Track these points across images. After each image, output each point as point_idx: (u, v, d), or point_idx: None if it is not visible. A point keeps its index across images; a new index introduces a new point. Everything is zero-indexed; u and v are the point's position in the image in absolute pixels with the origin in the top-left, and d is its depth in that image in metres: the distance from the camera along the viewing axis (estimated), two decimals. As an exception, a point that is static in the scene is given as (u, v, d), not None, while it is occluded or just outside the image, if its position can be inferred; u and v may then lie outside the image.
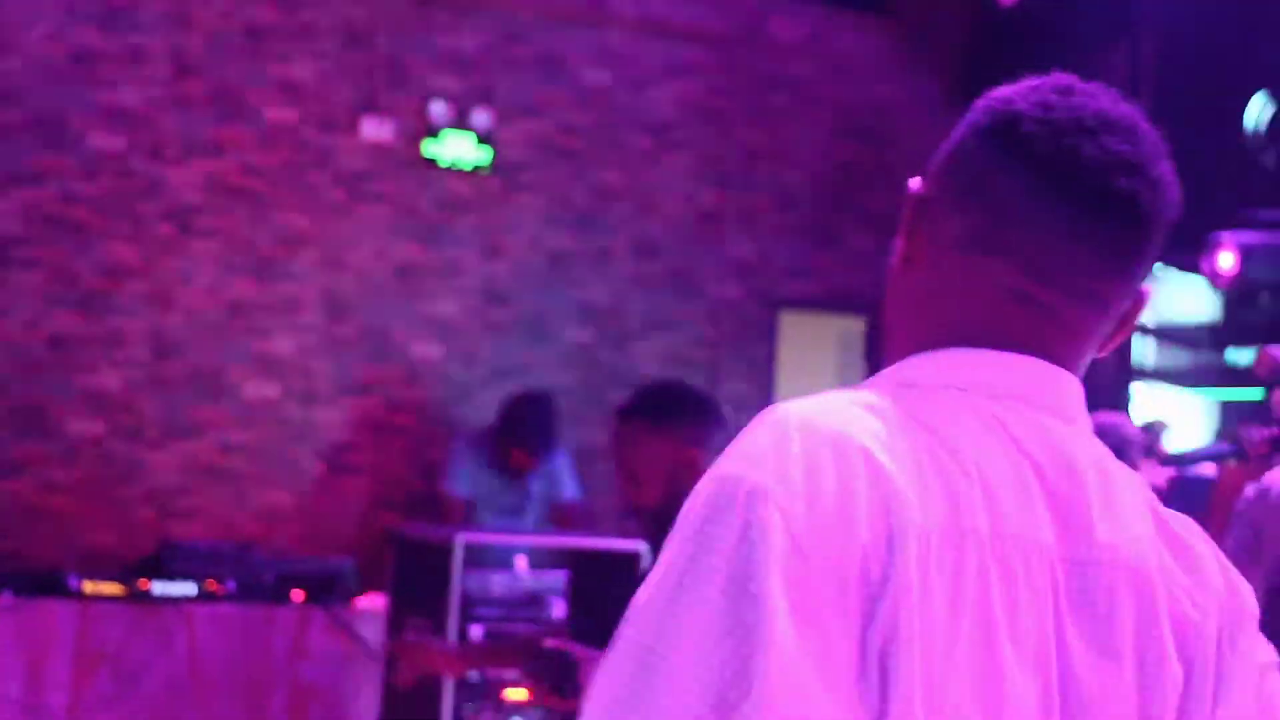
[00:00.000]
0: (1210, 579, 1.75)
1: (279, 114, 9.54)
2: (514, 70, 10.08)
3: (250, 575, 8.13)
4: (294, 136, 9.56)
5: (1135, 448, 5.34)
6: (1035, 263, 1.72)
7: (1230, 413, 9.71)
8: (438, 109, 9.74)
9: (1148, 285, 1.80)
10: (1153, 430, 7.53)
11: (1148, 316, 10.20)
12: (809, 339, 11.23)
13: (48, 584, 7.83)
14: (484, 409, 9.43)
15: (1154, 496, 1.78)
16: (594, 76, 10.33)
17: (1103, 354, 1.82)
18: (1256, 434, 5.31)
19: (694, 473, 4.45)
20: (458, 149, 9.78)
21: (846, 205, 10.97)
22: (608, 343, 10.24)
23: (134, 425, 9.19)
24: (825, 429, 1.58)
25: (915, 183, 1.82)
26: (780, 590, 1.49)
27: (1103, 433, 2.18)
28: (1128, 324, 1.81)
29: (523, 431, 8.80)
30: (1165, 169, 1.78)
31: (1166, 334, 10.32)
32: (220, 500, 9.29)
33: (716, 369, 10.55)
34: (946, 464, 1.61)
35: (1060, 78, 1.79)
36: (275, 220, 9.51)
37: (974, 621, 1.57)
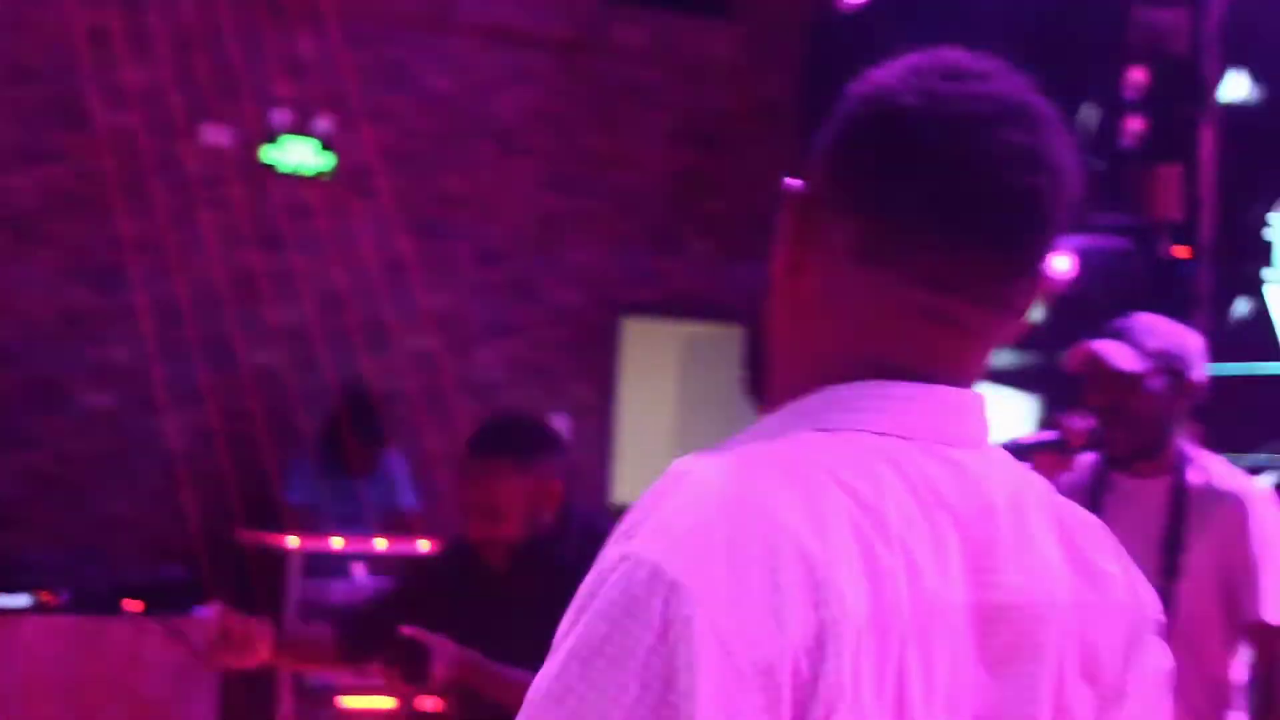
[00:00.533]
0: (1115, 594, 1.67)
1: (115, 120, 9.43)
2: (357, 76, 10.02)
3: (85, 586, 8.03)
4: (129, 143, 9.45)
5: None
6: (936, 272, 1.58)
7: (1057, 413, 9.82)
8: (278, 115, 9.67)
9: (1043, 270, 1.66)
10: None
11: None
12: (652, 345, 11.26)
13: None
14: (324, 416, 9.38)
15: (1060, 502, 1.70)
16: (437, 82, 10.29)
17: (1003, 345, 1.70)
18: (1077, 424, 5.37)
19: (553, 500, 4.49)
20: (298, 155, 9.71)
21: (689, 211, 11.00)
22: (451, 349, 10.20)
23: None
24: (751, 509, 1.45)
25: (794, 183, 1.66)
26: (706, 698, 1.38)
27: None
28: (1026, 316, 1.66)
29: (352, 421, 8.79)
30: (1065, 150, 1.65)
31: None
32: (56, 510, 9.17)
33: (558, 375, 10.55)
34: (869, 534, 1.49)
35: (946, 56, 1.67)
36: (113, 228, 9.39)
37: (894, 705, 1.48)
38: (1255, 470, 7.64)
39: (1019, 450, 5.20)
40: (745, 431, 1.60)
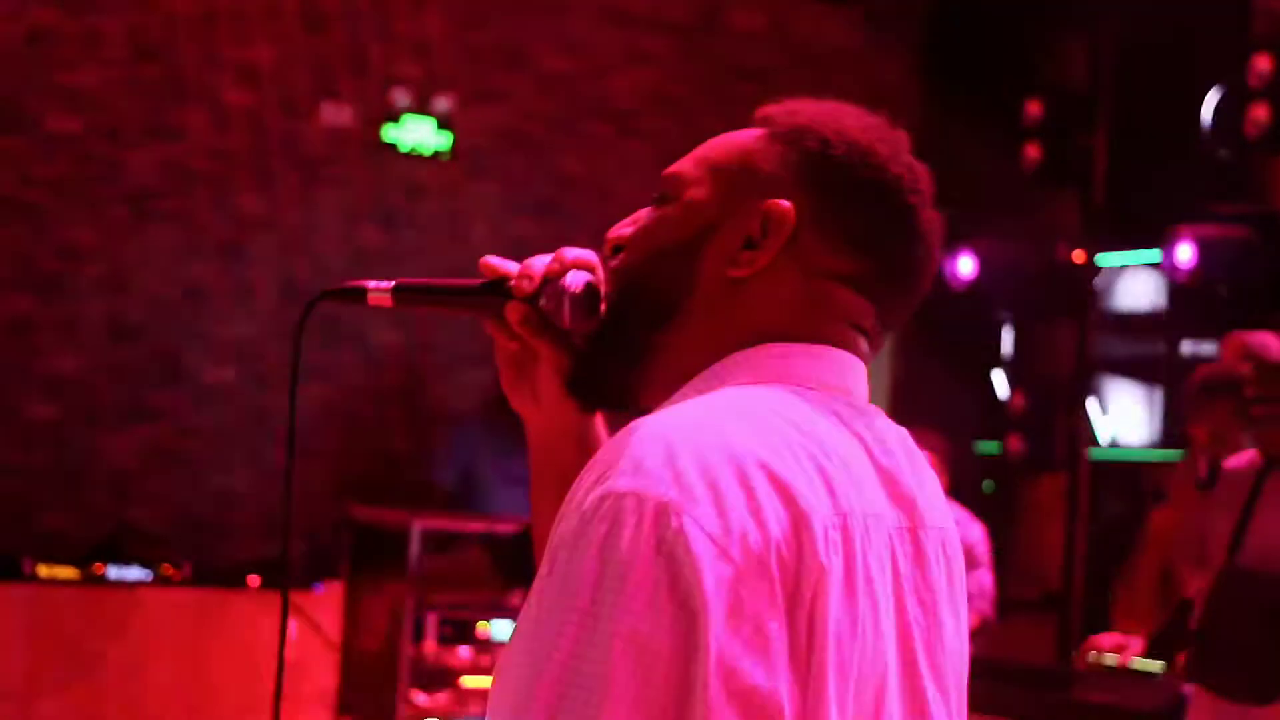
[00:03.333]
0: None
1: (238, 97, 9.51)
2: (476, 56, 10.06)
3: (205, 559, 8.11)
4: (254, 120, 9.53)
5: None
6: (890, 311, 1.88)
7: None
8: (398, 94, 9.72)
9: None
10: None
11: (1101, 308, 10.23)
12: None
13: (2, 568, 7.80)
14: (461, 388, 9.47)
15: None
16: (555, 63, 10.32)
17: None
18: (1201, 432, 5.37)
19: None
20: (418, 134, 9.76)
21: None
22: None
23: (91, 409, 9.15)
24: (710, 438, 1.62)
25: (784, 205, 1.83)
26: (712, 593, 1.55)
27: None
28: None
29: None
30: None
31: (1120, 325, 10.35)
32: (177, 484, 9.26)
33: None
34: (814, 453, 1.68)
35: (860, 118, 1.92)
36: (232, 205, 9.48)
37: (866, 596, 1.68)
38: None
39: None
40: (679, 398, 1.79)
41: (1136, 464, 9.96)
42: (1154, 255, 9.10)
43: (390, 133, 9.72)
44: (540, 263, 2.00)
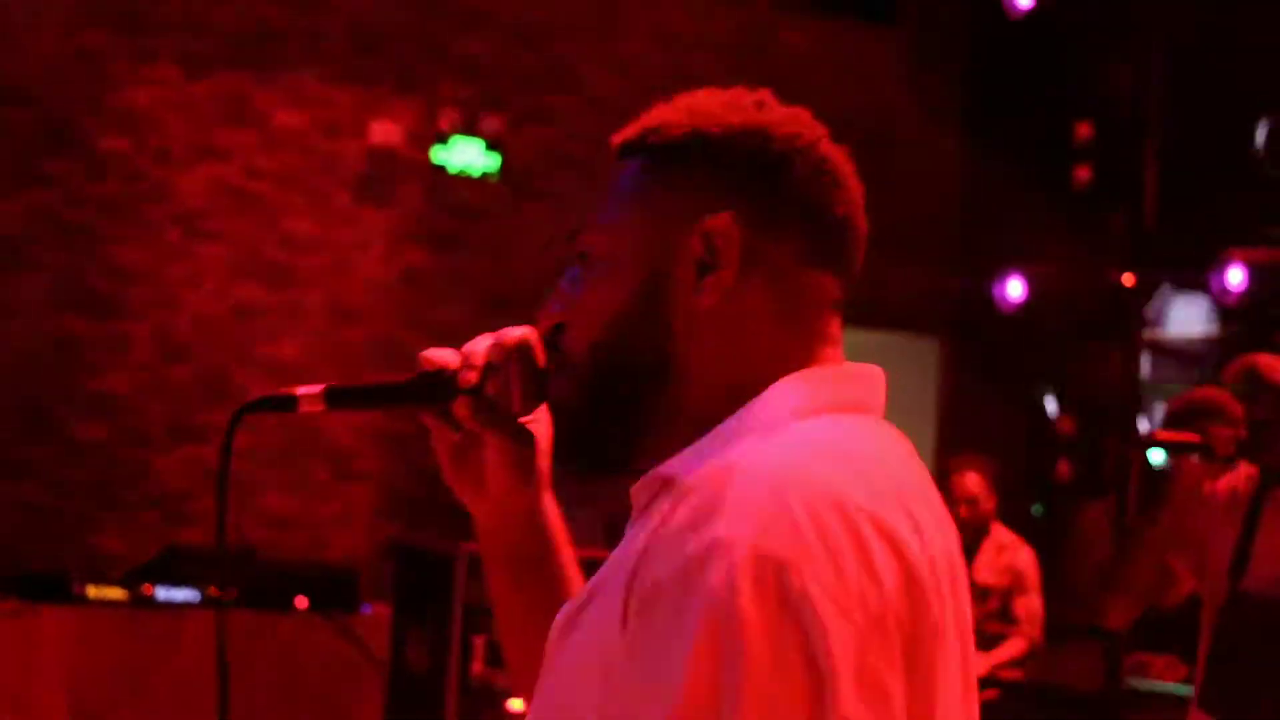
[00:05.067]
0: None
1: (287, 117, 9.54)
2: (524, 77, 10.07)
3: (254, 581, 8.12)
4: (303, 140, 9.56)
5: None
6: (848, 266, 1.88)
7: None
8: (447, 115, 9.74)
9: None
10: None
11: (1151, 332, 10.18)
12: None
13: (51, 588, 7.82)
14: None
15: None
16: (604, 84, 10.32)
17: None
18: (1225, 432, 5.29)
19: None
20: (466, 155, 9.77)
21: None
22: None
23: (140, 429, 9.19)
24: (816, 487, 1.59)
25: (721, 218, 1.79)
26: (840, 657, 1.52)
27: None
28: None
29: None
30: None
31: (1170, 349, 10.31)
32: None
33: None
34: (903, 494, 1.67)
35: (717, 96, 1.95)
36: (282, 226, 9.51)
37: (958, 641, 1.68)
38: None
39: (1165, 446, 5.17)
40: (720, 439, 1.72)
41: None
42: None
43: (439, 154, 9.74)
44: (480, 348, 1.95)
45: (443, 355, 1.97)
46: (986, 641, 8.42)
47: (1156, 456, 5.36)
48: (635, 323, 1.79)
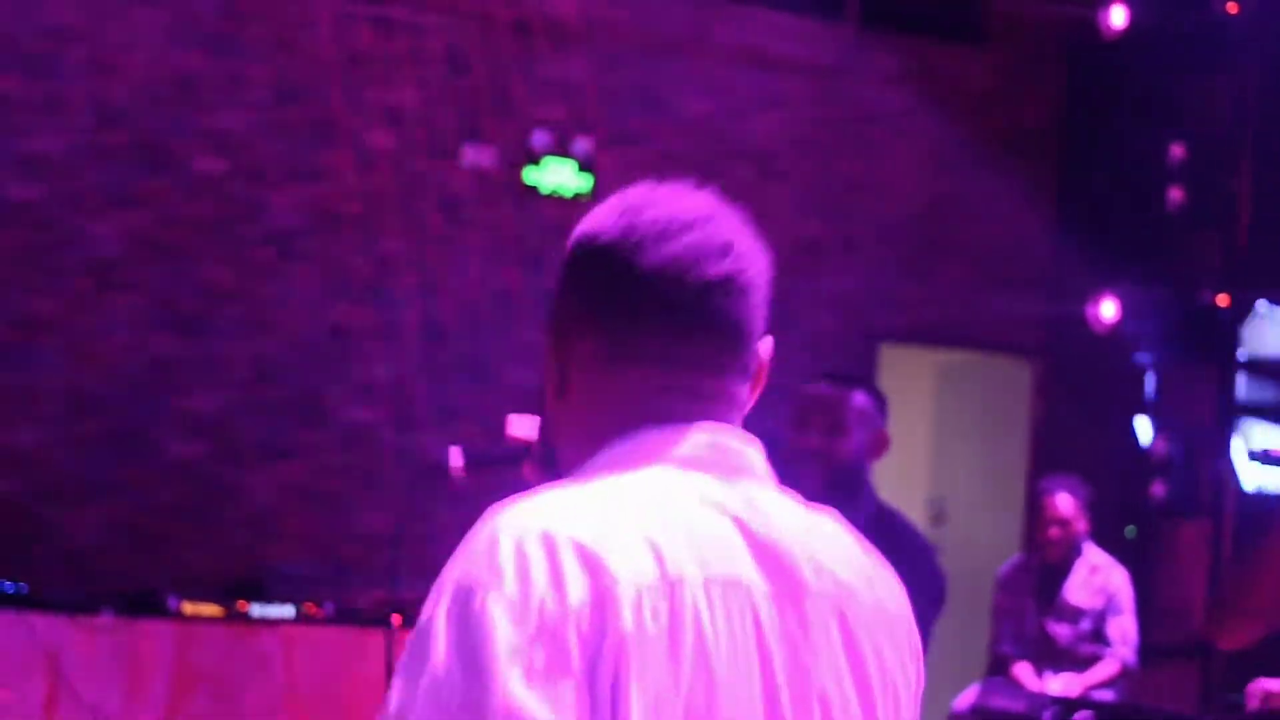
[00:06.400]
0: (889, 596, 2.04)
1: (381, 140, 9.61)
2: (615, 99, 10.11)
3: (348, 599, 8.16)
4: (396, 162, 9.62)
5: None
6: (668, 360, 2.01)
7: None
8: (539, 136, 9.79)
9: (766, 343, 2.14)
10: None
11: (1244, 352, 10.11)
12: (906, 372, 11.22)
13: (147, 604, 7.89)
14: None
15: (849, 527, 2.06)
16: (694, 105, 10.35)
17: (749, 406, 2.11)
18: None
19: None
20: (559, 176, 9.82)
21: (943, 238, 10.93)
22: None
23: (233, 447, 9.26)
24: (530, 525, 1.81)
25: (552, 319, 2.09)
26: (504, 657, 1.74)
27: None
28: (760, 378, 2.13)
29: None
30: (756, 267, 2.14)
31: (1263, 368, 10.23)
32: (319, 523, 9.34)
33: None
34: (652, 528, 1.85)
35: (658, 214, 2.12)
36: (376, 246, 9.57)
37: (697, 656, 1.82)
38: None
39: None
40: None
41: (1281, 510, 9.84)
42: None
43: (531, 175, 9.78)
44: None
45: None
46: (1080, 663, 8.39)
47: (1261, 475, 5.32)
48: (550, 421, 2.13)
